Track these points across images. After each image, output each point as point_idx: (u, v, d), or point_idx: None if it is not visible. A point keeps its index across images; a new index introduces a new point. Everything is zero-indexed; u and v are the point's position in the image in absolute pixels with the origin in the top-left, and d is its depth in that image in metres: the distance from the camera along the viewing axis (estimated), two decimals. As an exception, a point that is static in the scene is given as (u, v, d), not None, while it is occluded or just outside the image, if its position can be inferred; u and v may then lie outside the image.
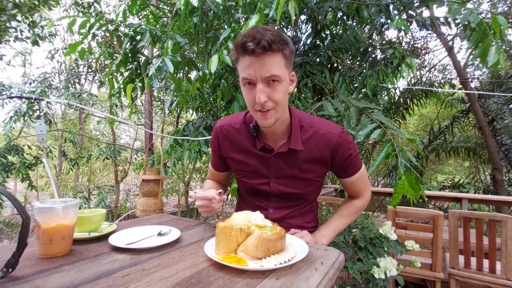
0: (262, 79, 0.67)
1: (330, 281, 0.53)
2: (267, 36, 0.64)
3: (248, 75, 0.67)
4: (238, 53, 0.68)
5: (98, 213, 0.71)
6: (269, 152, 0.81)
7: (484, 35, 1.28)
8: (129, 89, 1.53)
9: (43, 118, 3.62)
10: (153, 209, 1.79)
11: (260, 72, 0.66)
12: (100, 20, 1.68)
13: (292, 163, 0.81)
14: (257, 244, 0.54)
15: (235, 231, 0.56)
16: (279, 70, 0.67)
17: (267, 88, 0.68)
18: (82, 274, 0.49)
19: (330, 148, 0.79)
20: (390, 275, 1.00)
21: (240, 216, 0.60)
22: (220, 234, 0.57)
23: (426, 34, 5.26)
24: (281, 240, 0.56)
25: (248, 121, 0.84)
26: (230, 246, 0.57)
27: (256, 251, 0.54)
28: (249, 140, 0.83)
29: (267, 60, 0.66)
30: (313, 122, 0.82)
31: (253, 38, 0.64)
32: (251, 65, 0.66)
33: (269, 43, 0.64)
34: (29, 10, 2.99)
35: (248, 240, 0.56)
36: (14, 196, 0.48)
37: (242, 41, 0.65)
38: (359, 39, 2.10)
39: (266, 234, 0.54)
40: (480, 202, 2.86)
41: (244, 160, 0.85)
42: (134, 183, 6.40)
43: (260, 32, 0.65)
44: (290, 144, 0.78)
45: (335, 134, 0.79)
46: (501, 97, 4.43)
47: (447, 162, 7.08)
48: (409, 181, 1.14)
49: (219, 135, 0.87)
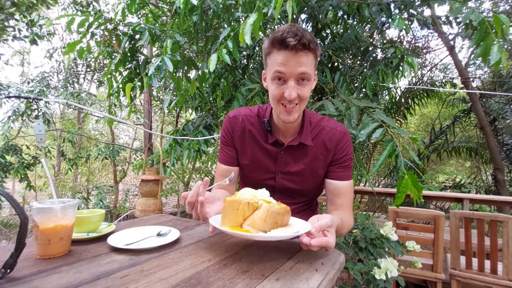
0: (295, 76, 0.70)
1: (330, 282, 0.53)
2: (307, 35, 0.67)
3: (283, 69, 0.69)
4: (274, 47, 0.69)
5: (97, 213, 0.71)
6: (279, 146, 0.84)
7: (485, 34, 1.27)
8: (128, 88, 1.52)
9: (42, 118, 3.62)
10: (152, 209, 1.79)
11: (295, 68, 0.69)
12: (98, 19, 1.68)
13: (299, 159, 0.83)
14: (266, 217, 0.56)
15: (243, 204, 0.57)
16: (311, 69, 0.71)
17: (297, 86, 0.71)
18: (81, 274, 0.49)
19: (333, 143, 0.82)
20: (391, 276, 0.99)
21: (246, 191, 0.62)
22: (228, 208, 0.58)
23: (427, 33, 5.25)
24: (287, 214, 0.59)
25: (261, 115, 0.87)
26: (237, 220, 0.58)
27: (264, 224, 0.56)
28: (260, 134, 0.86)
29: (303, 58, 0.68)
30: (321, 120, 0.86)
31: (294, 34, 0.66)
32: (287, 61, 0.68)
33: (309, 41, 0.67)
34: (27, 9, 2.99)
35: (256, 213, 0.57)
36: (12, 196, 0.48)
37: (283, 36, 0.67)
38: (359, 38, 2.09)
39: (275, 207, 0.56)
40: (481, 203, 2.85)
41: (253, 153, 0.86)
42: (133, 183, 6.41)
43: (300, 30, 0.68)
44: (301, 139, 0.81)
45: (340, 131, 0.83)
46: (503, 97, 4.41)
47: (448, 162, 7.05)
48: (413, 180, 1.13)
49: (232, 124, 0.87)
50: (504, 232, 1.48)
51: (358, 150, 1.86)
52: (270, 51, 0.71)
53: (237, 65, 2.19)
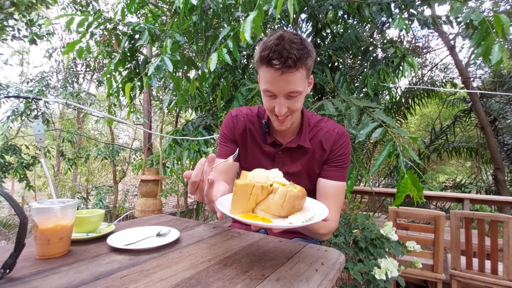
0: (283, 94, 0.70)
1: (330, 282, 0.53)
2: (293, 53, 0.63)
3: (270, 89, 0.69)
4: (262, 63, 0.68)
5: (96, 213, 0.71)
6: (277, 146, 0.84)
7: (486, 34, 1.27)
8: (128, 88, 1.52)
9: (41, 118, 3.62)
10: (152, 210, 1.79)
11: (283, 88, 0.68)
12: (98, 19, 1.68)
13: (297, 160, 0.83)
14: (283, 202, 0.51)
15: (256, 189, 0.52)
16: (301, 85, 0.69)
17: (287, 100, 0.71)
18: (81, 275, 0.48)
19: (330, 143, 0.82)
20: (391, 276, 0.99)
21: (259, 173, 0.56)
22: (239, 192, 0.52)
23: (428, 32, 5.23)
24: (304, 198, 0.54)
25: (260, 116, 0.87)
26: (249, 205, 0.52)
27: (280, 209, 0.51)
28: (259, 134, 0.86)
29: (290, 77, 0.67)
30: (320, 121, 0.86)
31: (279, 55, 0.64)
32: (274, 81, 0.68)
33: (295, 61, 0.64)
34: (26, 9, 2.98)
35: (270, 198, 0.52)
36: (11, 196, 0.48)
37: (269, 56, 0.65)
38: (360, 38, 2.09)
39: (293, 191, 0.51)
40: (482, 203, 2.84)
41: (252, 152, 0.87)
42: (132, 184, 6.39)
43: (286, 48, 0.64)
44: (300, 141, 0.81)
45: (337, 132, 0.83)
46: (503, 97, 4.40)
47: (449, 162, 7.05)
48: (412, 180, 1.13)
49: (234, 122, 0.88)
50: (504, 232, 1.48)
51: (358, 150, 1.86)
52: (259, 65, 0.70)
53: (237, 64, 2.18)
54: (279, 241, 0.71)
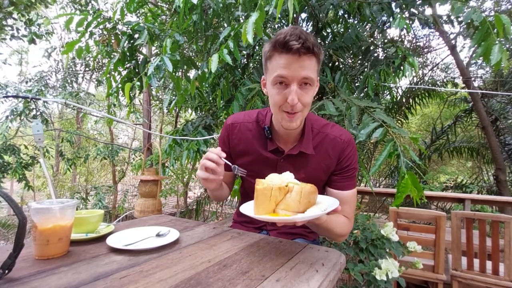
0: (298, 80, 0.68)
1: (331, 283, 0.53)
2: (310, 38, 0.65)
3: (285, 73, 0.67)
4: (276, 50, 0.67)
5: (95, 214, 0.71)
6: (279, 154, 0.81)
7: (487, 34, 1.26)
8: (127, 88, 1.52)
9: (40, 118, 3.61)
10: (152, 210, 1.79)
11: (298, 72, 0.66)
12: (97, 18, 1.67)
13: (300, 167, 0.80)
14: (300, 198, 0.57)
15: (274, 190, 0.58)
16: (314, 73, 0.69)
17: (299, 90, 0.68)
18: (80, 275, 0.48)
19: (337, 152, 0.79)
20: (391, 277, 0.99)
21: (274, 177, 0.63)
22: (261, 196, 0.58)
23: (429, 32, 5.22)
24: (316, 193, 0.61)
25: (260, 121, 0.83)
26: (270, 206, 0.58)
27: (298, 205, 0.57)
28: (259, 141, 0.82)
29: (307, 62, 0.66)
30: (325, 126, 0.81)
31: (297, 37, 0.64)
32: (290, 64, 0.66)
33: (313, 45, 0.65)
34: (25, 8, 2.97)
35: (288, 197, 0.58)
36: (10, 196, 0.48)
37: (286, 39, 0.65)
38: (360, 37, 2.08)
39: (306, 188, 0.58)
40: (483, 203, 2.83)
41: (251, 160, 0.83)
42: (132, 184, 6.38)
43: (303, 33, 0.66)
44: (302, 147, 0.78)
45: (344, 140, 0.79)
46: (505, 96, 4.39)
47: (449, 162, 7.03)
48: (413, 181, 1.12)
49: (229, 131, 0.86)
50: (505, 233, 1.47)
51: (358, 150, 1.86)
52: (271, 55, 0.69)
53: (237, 64, 2.18)
54: (279, 241, 0.71)
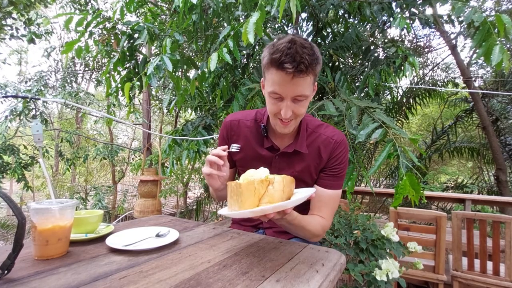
0: (291, 97, 0.70)
1: (331, 283, 0.53)
2: (305, 58, 0.65)
3: (278, 91, 0.69)
4: (272, 66, 0.68)
5: (95, 214, 0.71)
6: (274, 151, 0.84)
7: (488, 34, 1.26)
8: (127, 88, 1.52)
9: (39, 118, 3.62)
10: (151, 210, 1.79)
11: (291, 91, 0.69)
12: (97, 18, 1.67)
13: (293, 165, 0.83)
14: (283, 187, 0.58)
15: (257, 183, 0.57)
16: (308, 89, 0.70)
17: (293, 104, 0.71)
18: (79, 276, 0.48)
19: (327, 151, 0.82)
20: (392, 277, 0.99)
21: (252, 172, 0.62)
22: (246, 191, 0.56)
23: (429, 32, 5.21)
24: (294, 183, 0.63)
25: (258, 120, 0.87)
26: (254, 201, 0.57)
27: (282, 195, 0.57)
28: (256, 138, 0.86)
29: (300, 81, 0.67)
30: (319, 127, 0.85)
31: (292, 59, 0.64)
32: (283, 84, 0.68)
33: (307, 66, 0.65)
34: (24, 8, 2.97)
35: (270, 188, 0.58)
36: (9, 196, 0.47)
37: (281, 59, 0.65)
38: (361, 37, 2.08)
39: (287, 177, 0.60)
40: (483, 203, 2.83)
41: (248, 157, 0.86)
42: (132, 184, 6.39)
43: (299, 52, 0.65)
44: (296, 146, 0.81)
45: (336, 140, 0.82)
46: (505, 96, 4.38)
47: (450, 162, 7.02)
48: (411, 182, 1.12)
49: (228, 129, 0.89)
50: (506, 233, 1.47)
51: (358, 150, 1.85)
52: (268, 66, 0.70)
53: (237, 64, 2.18)
54: (279, 242, 0.71)
